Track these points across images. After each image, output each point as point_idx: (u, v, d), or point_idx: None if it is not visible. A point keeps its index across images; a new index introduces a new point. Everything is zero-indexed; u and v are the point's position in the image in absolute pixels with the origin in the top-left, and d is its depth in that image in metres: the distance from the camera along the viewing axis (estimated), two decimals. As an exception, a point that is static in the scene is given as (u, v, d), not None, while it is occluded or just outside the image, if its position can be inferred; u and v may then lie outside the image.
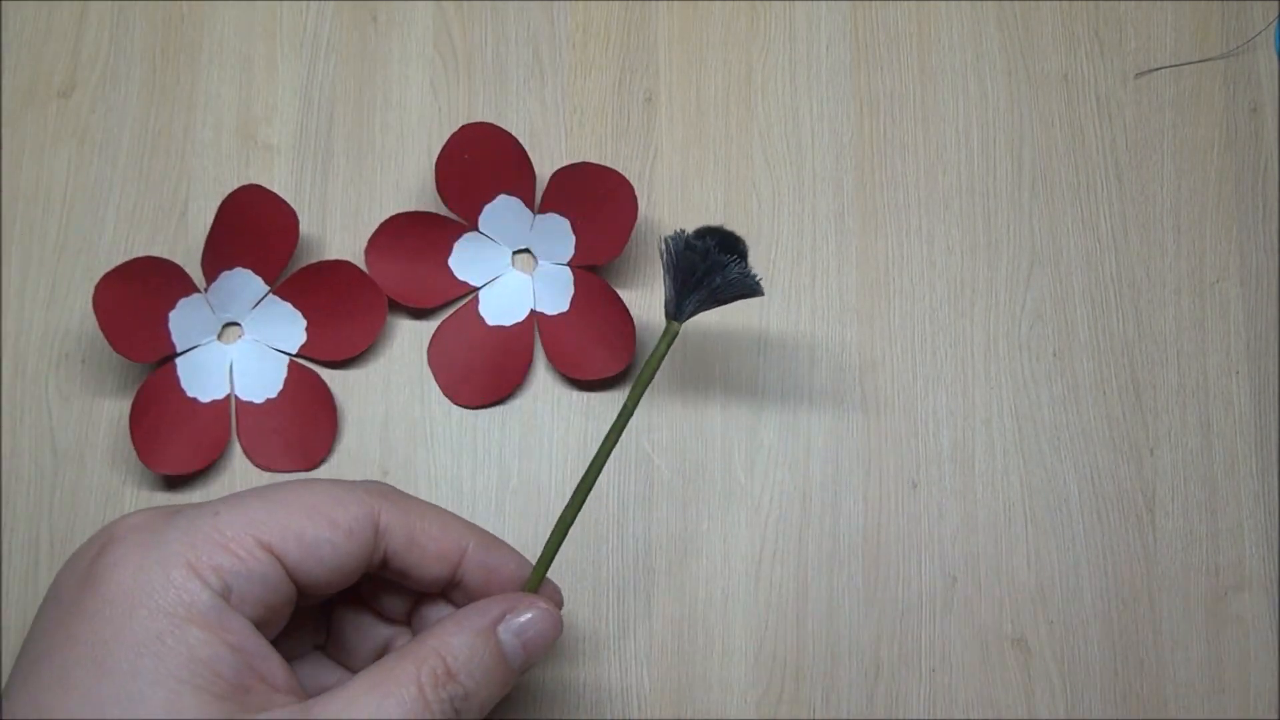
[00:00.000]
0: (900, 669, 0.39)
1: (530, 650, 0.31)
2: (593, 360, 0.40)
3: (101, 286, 0.37)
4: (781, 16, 0.43)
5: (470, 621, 0.30)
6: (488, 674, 0.30)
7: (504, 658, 0.30)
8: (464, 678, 0.29)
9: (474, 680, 0.29)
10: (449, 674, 0.29)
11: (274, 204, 0.39)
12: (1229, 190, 0.43)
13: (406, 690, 0.28)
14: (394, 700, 0.28)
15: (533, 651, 0.31)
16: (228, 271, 0.39)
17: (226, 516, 0.29)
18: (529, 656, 0.31)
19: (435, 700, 0.29)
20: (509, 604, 0.31)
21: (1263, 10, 0.44)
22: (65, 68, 0.42)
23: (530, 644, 0.31)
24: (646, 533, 0.40)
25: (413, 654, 0.29)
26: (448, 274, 0.41)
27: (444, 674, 0.29)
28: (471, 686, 0.29)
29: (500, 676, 0.30)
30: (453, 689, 0.29)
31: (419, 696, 0.28)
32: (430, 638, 0.30)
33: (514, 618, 0.31)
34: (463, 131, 0.40)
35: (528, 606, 0.31)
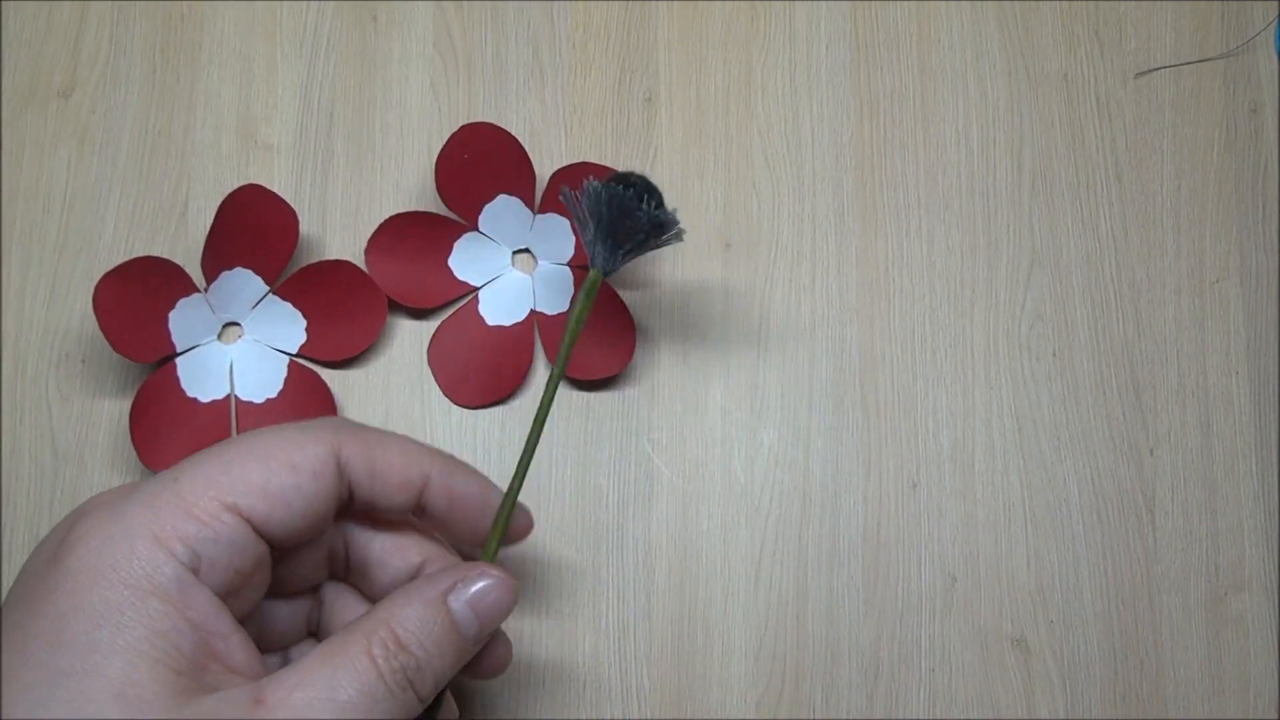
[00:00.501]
0: (900, 669, 0.39)
1: (484, 619, 0.30)
2: (593, 360, 0.40)
3: (101, 286, 0.37)
4: (781, 16, 0.43)
5: (421, 592, 0.30)
6: (439, 644, 0.29)
7: (455, 627, 0.30)
8: (415, 648, 0.29)
9: (425, 651, 0.29)
10: (400, 645, 0.28)
11: (274, 204, 0.39)
12: (1229, 190, 0.43)
13: (358, 663, 0.28)
14: (345, 673, 0.27)
15: (486, 620, 0.30)
16: (228, 271, 0.39)
17: (187, 482, 0.28)
18: (483, 625, 0.30)
19: (388, 672, 0.28)
20: (460, 574, 0.30)
21: (1263, 10, 0.44)
22: (65, 68, 0.42)
23: (483, 613, 0.30)
24: (646, 533, 0.40)
25: (363, 627, 0.29)
26: (447, 274, 0.41)
27: (395, 645, 0.28)
28: (423, 657, 0.29)
29: (453, 646, 0.30)
30: (404, 660, 0.28)
31: (371, 668, 0.28)
32: (381, 609, 0.29)
33: (465, 587, 0.30)
34: (463, 131, 0.40)
35: (479, 575, 0.30)
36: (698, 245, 0.42)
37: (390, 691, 0.28)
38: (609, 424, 0.41)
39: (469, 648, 0.30)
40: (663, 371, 0.41)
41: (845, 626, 0.39)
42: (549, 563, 0.40)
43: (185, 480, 0.28)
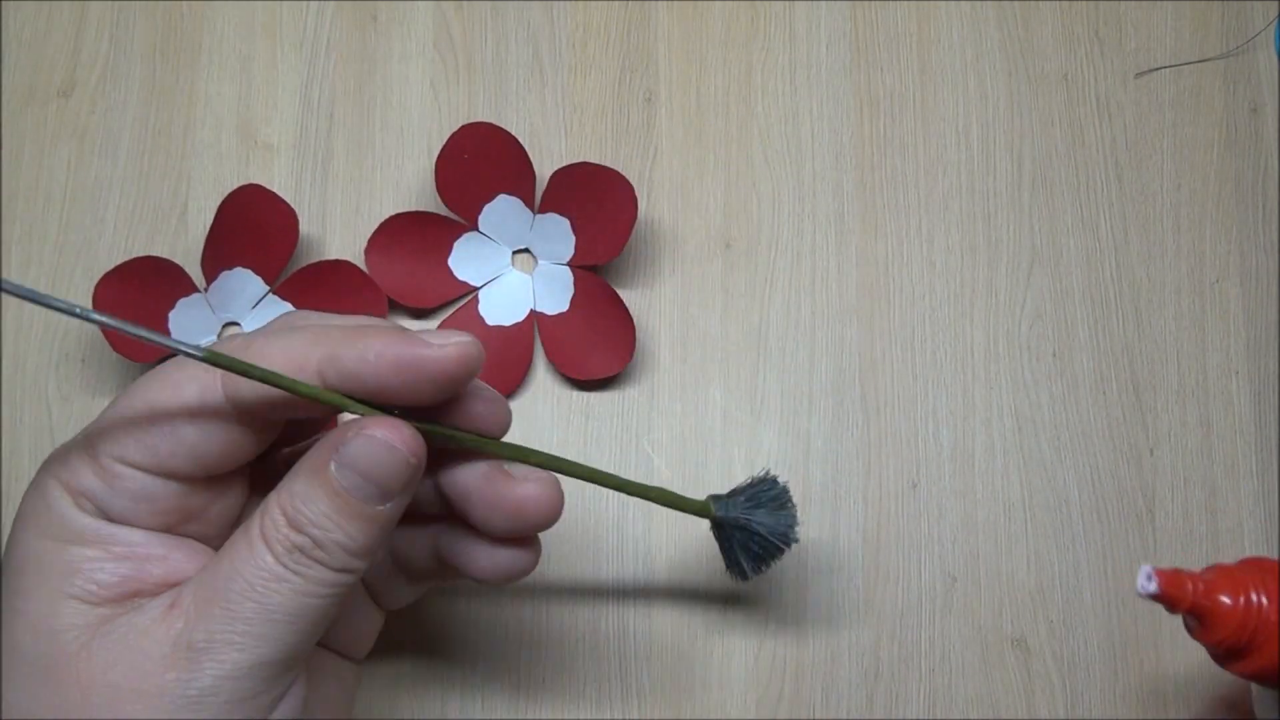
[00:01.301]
0: (900, 669, 0.39)
1: (378, 479, 0.27)
2: (593, 360, 0.40)
3: (101, 286, 0.37)
4: (781, 16, 0.43)
5: (308, 462, 0.27)
6: (331, 517, 0.27)
7: (345, 494, 0.27)
8: (307, 527, 0.27)
9: (318, 527, 0.27)
10: (290, 524, 0.27)
11: (274, 204, 0.39)
12: (1229, 190, 0.43)
13: (254, 548, 0.27)
14: (243, 563, 0.27)
15: (381, 480, 0.27)
16: (227, 271, 0.39)
17: (92, 439, 0.28)
18: (380, 485, 0.27)
19: (283, 553, 0.27)
20: (340, 438, 0.27)
21: (1263, 10, 0.44)
22: (65, 68, 0.42)
23: (372, 473, 0.27)
24: (646, 533, 0.40)
25: (259, 511, 0.27)
26: (447, 274, 0.41)
27: (286, 525, 0.27)
28: (318, 534, 0.27)
29: (350, 513, 0.27)
30: (297, 539, 0.27)
31: (265, 552, 0.27)
32: (275, 490, 0.28)
33: (343, 450, 0.27)
34: (463, 131, 0.40)
35: (354, 434, 0.27)
36: (698, 245, 0.42)
37: (292, 570, 0.27)
38: (609, 424, 0.41)
39: (375, 511, 0.27)
40: (663, 371, 0.41)
41: (845, 626, 0.39)
42: (548, 563, 0.40)
43: (91, 437, 0.28)
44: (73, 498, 0.27)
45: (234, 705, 0.27)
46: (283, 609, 0.27)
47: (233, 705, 0.27)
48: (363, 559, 0.28)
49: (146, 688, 0.26)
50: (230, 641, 0.26)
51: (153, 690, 0.26)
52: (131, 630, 0.27)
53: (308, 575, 0.27)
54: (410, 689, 0.39)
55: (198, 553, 0.29)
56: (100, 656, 0.26)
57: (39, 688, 0.27)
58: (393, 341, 0.27)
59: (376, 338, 0.27)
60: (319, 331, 0.28)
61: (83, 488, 0.27)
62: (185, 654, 0.26)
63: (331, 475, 0.27)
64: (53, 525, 0.27)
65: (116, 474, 0.27)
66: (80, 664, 0.26)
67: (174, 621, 0.27)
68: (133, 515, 0.28)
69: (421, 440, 0.28)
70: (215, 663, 0.26)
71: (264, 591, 0.27)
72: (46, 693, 0.27)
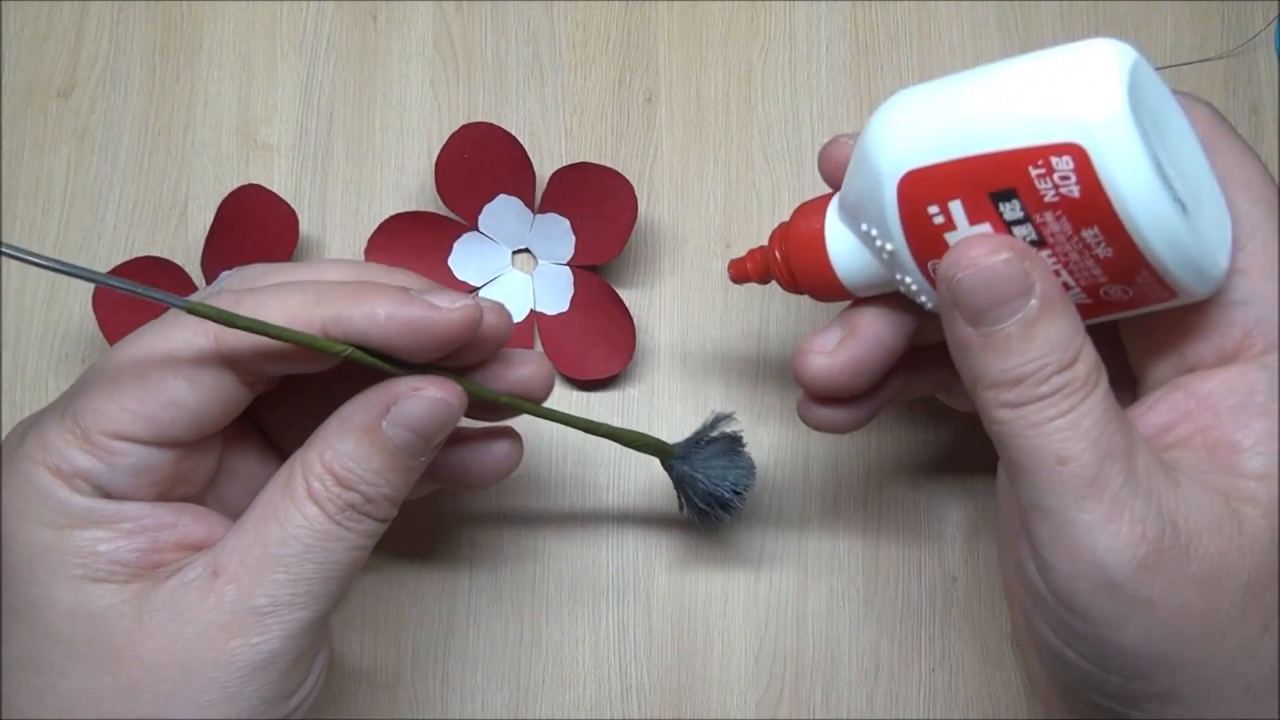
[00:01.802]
0: (900, 669, 0.39)
1: (427, 434, 0.29)
2: (592, 360, 0.40)
3: (100, 288, 0.37)
4: (781, 16, 0.43)
5: (355, 420, 0.28)
6: (382, 474, 0.28)
7: (396, 452, 0.28)
8: (359, 485, 0.28)
9: (369, 485, 0.28)
10: (341, 484, 0.28)
11: (274, 204, 0.39)
12: (1229, 190, 0.43)
13: (305, 511, 0.27)
14: (294, 527, 0.27)
15: (430, 434, 0.29)
16: (226, 272, 0.39)
17: (76, 417, 0.27)
18: (428, 440, 0.29)
19: (336, 512, 0.28)
20: (391, 395, 0.28)
21: (1263, 10, 0.44)
22: (65, 68, 0.42)
23: (424, 429, 0.28)
24: (646, 532, 0.40)
25: (302, 468, 0.28)
26: (447, 274, 0.41)
27: (336, 485, 0.28)
28: (369, 491, 0.28)
29: (401, 468, 0.29)
30: (349, 497, 0.28)
31: (319, 514, 0.28)
32: (318, 442, 0.28)
33: (398, 410, 0.28)
34: (463, 131, 0.40)
35: (410, 394, 0.28)
36: (698, 244, 0.42)
37: (345, 527, 0.28)
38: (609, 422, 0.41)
39: (419, 464, 0.29)
40: (663, 371, 0.41)
41: (845, 627, 0.39)
42: (549, 563, 0.40)
43: (76, 412, 0.27)
44: (64, 480, 0.27)
45: (297, 661, 0.28)
46: (340, 565, 0.28)
47: (296, 661, 0.28)
48: (399, 505, 0.29)
49: (213, 657, 0.27)
50: (294, 603, 0.27)
51: (222, 659, 0.27)
52: (180, 603, 0.27)
53: (360, 530, 0.28)
54: (411, 689, 0.39)
55: (200, 515, 0.29)
56: (157, 634, 0.27)
57: (99, 673, 0.27)
58: (401, 303, 0.28)
59: (383, 298, 0.28)
60: (322, 289, 0.28)
61: (77, 469, 0.27)
62: (250, 619, 0.27)
63: (385, 435, 0.28)
64: (49, 512, 0.27)
65: (114, 450, 0.27)
66: (138, 643, 0.27)
67: (224, 589, 0.27)
68: (131, 489, 0.28)
69: (465, 392, 0.29)
70: (282, 624, 0.27)
71: (321, 550, 0.28)
72: (108, 677, 0.27)
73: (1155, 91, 0.27)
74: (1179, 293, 0.26)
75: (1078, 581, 0.26)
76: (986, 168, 0.26)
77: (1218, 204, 0.28)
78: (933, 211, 0.27)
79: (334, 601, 0.28)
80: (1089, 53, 0.26)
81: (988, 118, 0.26)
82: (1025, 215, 0.26)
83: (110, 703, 0.26)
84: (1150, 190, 0.25)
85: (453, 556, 0.40)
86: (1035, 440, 0.26)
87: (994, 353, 0.26)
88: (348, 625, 0.39)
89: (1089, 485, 0.25)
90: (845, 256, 0.31)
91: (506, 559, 0.40)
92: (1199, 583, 0.25)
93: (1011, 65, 0.27)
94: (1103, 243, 0.26)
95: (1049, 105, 0.25)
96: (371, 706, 0.39)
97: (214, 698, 0.27)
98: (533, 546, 0.40)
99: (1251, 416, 0.27)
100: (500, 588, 0.39)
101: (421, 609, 0.39)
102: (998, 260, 0.26)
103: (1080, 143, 0.25)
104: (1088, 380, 0.26)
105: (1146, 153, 0.25)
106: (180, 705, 0.27)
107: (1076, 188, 0.25)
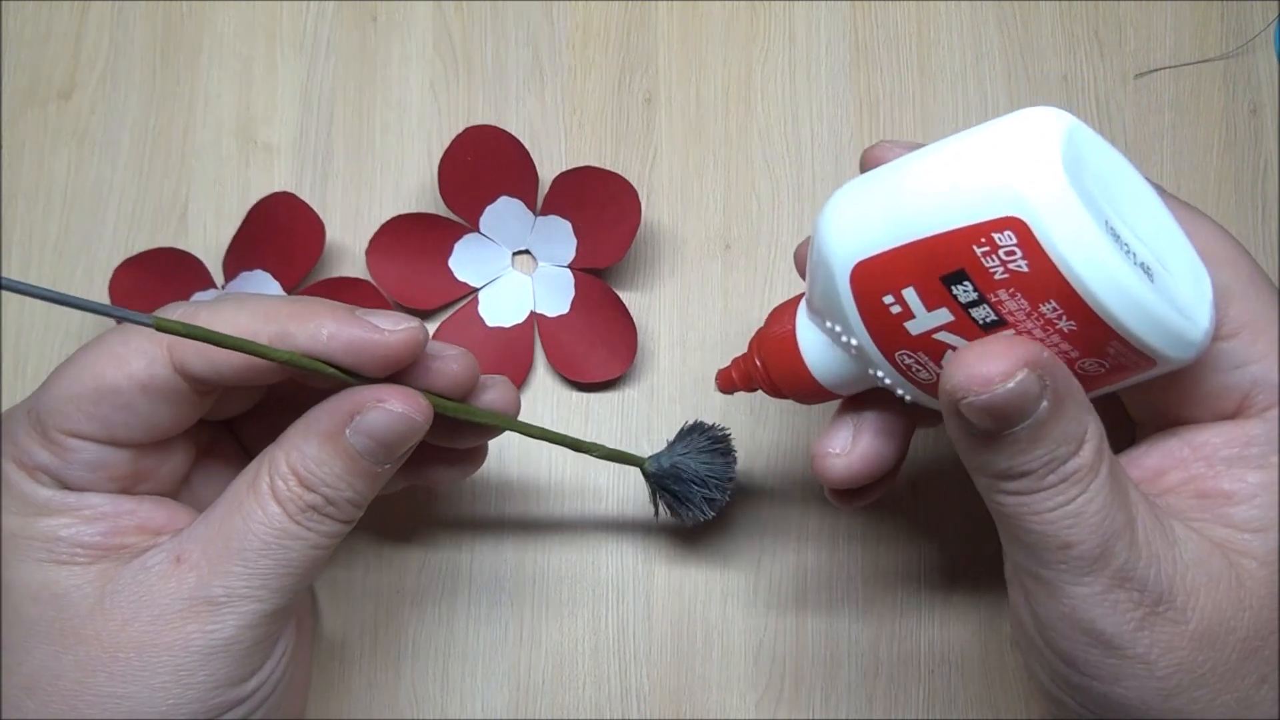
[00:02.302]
0: (900, 669, 0.39)
1: (390, 444, 0.29)
2: (593, 363, 0.40)
3: (121, 270, 0.38)
4: (781, 16, 0.43)
5: (319, 424, 0.29)
6: (344, 479, 0.29)
7: (358, 457, 0.29)
8: (320, 488, 0.29)
9: (331, 488, 0.29)
10: (304, 485, 0.29)
11: (304, 214, 0.39)
12: (1229, 190, 0.43)
13: (267, 508, 0.28)
14: (255, 523, 0.28)
15: (394, 444, 0.29)
16: (247, 273, 0.40)
17: (39, 415, 0.28)
18: (391, 449, 0.29)
19: (296, 512, 0.28)
20: (355, 404, 0.29)
21: (1263, 10, 0.44)
22: (65, 68, 0.42)
23: (386, 439, 0.29)
24: (646, 533, 0.40)
25: (267, 466, 0.29)
26: (448, 275, 0.41)
27: (299, 486, 0.28)
28: (331, 494, 0.29)
29: (363, 474, 0.29)
30: (310, 499, 0.29)
31: (279, 512, 0.28)
32: (284, 443, 0.29)
33: (361, 418, 0.29)
34: (467, 133, 0.40)
35: (374, 405, 0.29)
36: (698, 245, 0.42)
37: (306, 527, 0.29)
38: (609, 424, 0.41)
39: (383, 470, 0.30)
40: (663, 372, 0.41)
41: (845, 627, 0.39)
42: (549, 563, 0.40)
43: (38, 410, 0.29)
44: (27, 473, 0.28)
45: (251, 649, 0.29)
46: (297, 562, 0.29)
47: (250, 649, 0.29)
48: (364, 508, 0.30)
49: (169, 640, 0.28)
50: (249, 595, 0.28)
51: (177, 642, 0.28)
52: (141, 586, 0.28)
53: (320, 530, 0.29)
54: (410, 689, 0.39)
55: (162, 503, 0.30)
56: (115, 614, 0.28)
57: (60, 651, 0.28)
58: (344, 323, 0.29)
59: (327, 317, 0.29)
60: (268, 306, 0.29)
61: (36, 463, 0.28)
62: (205, 607, 0.28)
63: (347, 441, 0.29)
64: (14, 501, 0.28)
65: (69, 447, 0.28)
66: (97, 622, 0.28)
67: (184, 576, 0.28)
68: (90, 483, 0.29)
69: (431, 407, 0.30)
70: (236, 614, 0.28)
71: (279, 548, 0.28)
72: (68, 655, 0.28)
73: (1102, 156, 0.26)
74: (1158, 361, 0.25)
75: (1075, 640, 0.26)
76: (933, 251, 0.25)
77: (1191, 263, 0.27)
78: (888, 301, 0.26)
79: (292, 595, 0.29)
80: (1021, 122, 0.25)
81: (928, 200, 0.25)
82: (980, 296, 0.25)
83: (69, 680, 0.27)
84: (1100, 256, 0.24)
85: (453, 557, 0.40)
86: (1039, 526, 0.25)
87: (1000, 452, 0.25)
88: (348, 625, 0.39)
89: (1092, 564, 0.25)
90: (820, 358, 0.30)
91: (506, 559, 0.40)
92: (1197, 640, 0.25)
93: (949, 144, 0.26)
94: (1064, 316, 0.24)
95: (984, 180, 0.24)
96: (371, 706, 0.39)
97: (168, 679, 0.28)
98: (533, 547, 0.40)
99: (1246, 469, 0.27)
100: (500, 588, 0.39)
101: (421, 609, 0.39)
102: (1013, 385, 0.24)
103: (1018, 215, 0.24)
104: (1094, 465, 0.25)
105: (1091, 217, 0.24)
106: (135, 685, 0.28)
107: (1024, 262, 0.24)
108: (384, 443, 0.29)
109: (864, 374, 0.30)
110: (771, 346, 0.31)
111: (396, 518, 0.40)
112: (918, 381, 0.28)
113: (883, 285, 0.26)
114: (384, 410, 0.29)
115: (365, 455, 0.29)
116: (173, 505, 0.30)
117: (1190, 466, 0.27)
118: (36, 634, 0.28)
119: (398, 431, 0.29)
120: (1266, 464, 0.26)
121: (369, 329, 0.29)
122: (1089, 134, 0.26)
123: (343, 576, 0.39)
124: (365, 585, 0.39)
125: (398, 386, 0.29)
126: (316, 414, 0.29)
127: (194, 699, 0.28)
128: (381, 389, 0.29)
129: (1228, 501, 0.26)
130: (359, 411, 0.29)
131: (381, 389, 0.29)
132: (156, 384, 0.29)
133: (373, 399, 0.29)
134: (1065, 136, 0.25)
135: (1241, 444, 0.27)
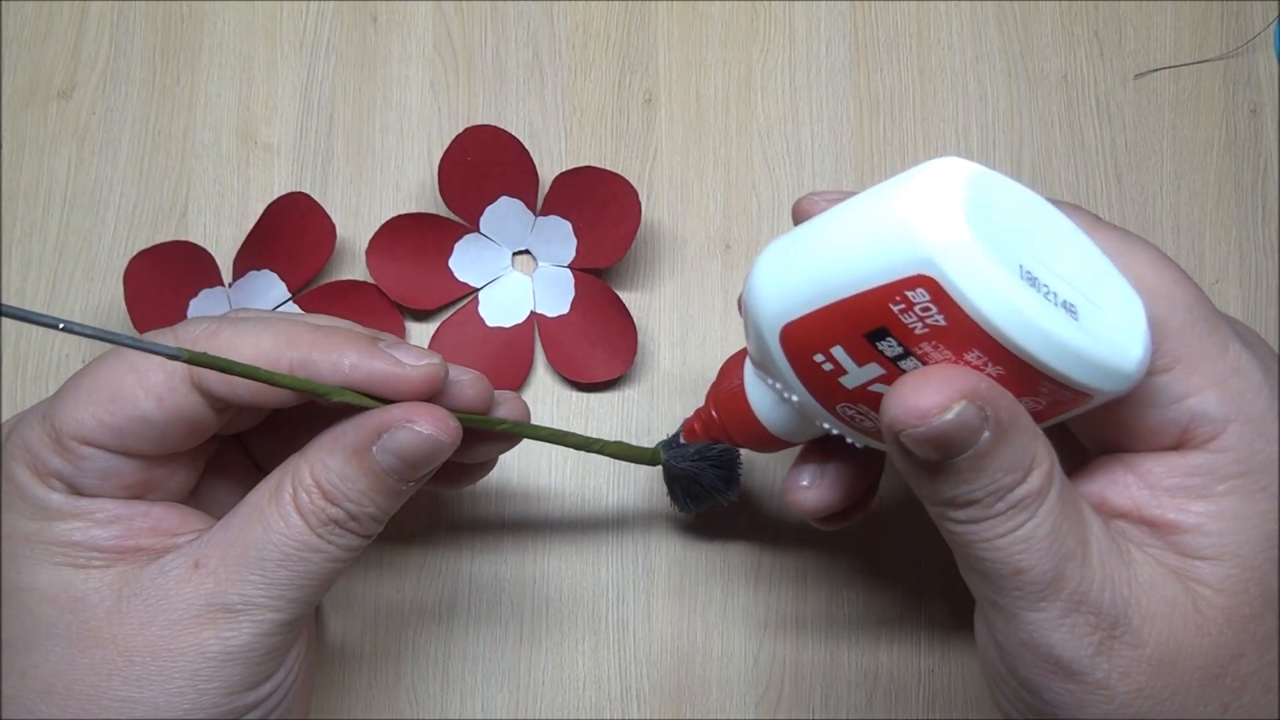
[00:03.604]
0: (900, 669, 0.39)
1: (416, 463, 0.29)
2: (593, 363, 0.40)
3: (135, 262, 0.38)
4: (781, 17, 0.43)
5: (346, 439, 0.29)
6: (368, 495, 0.29)
7: (384, 474, 0.29)
8: (343, 502, 0.29)
9: (353, 503, 0.29)
10: (327, 499, 0.29)
11: (316, 216, 0.39)
12: (1229, 191, 0.43)
13: (289, 519, 0.28)
14: (276, 534, 0.28)
15: (419, 463, 0.29)
16: (255, 272, 0.40)
17: (53, 422, 0.28)
18: (416, 468, 0.29)
19: (318, 525, 0.29)
20: (384, 422, 0.29)
21: (1263, 10, 0.44)
22: (65, 68, 0.42)
23: (412, 458, 0.29)
24: (646, 533, 0.40)
25: (291, 478, 0.29)
26: (448, 275, 0.41)
27: (322, 499, 0.29)
28: (353, 509, 0.29)
29: (386, 491, 0.29)
30: (333, 512, 0.29)
31: (301, 524, 0.28)
32: (309, 455, 0.29)
33: (389, 437, 0.29)
34: (467, 134, 0.40)
35: (401, 425, 0.29)
36: (698, 245, 0.42)
37: (326, 540, 0.29)
38: (609, 424, 0.41)
39: (407, 488, 0.30)
40: (663, 372, 0.41)
41: (845, 626, 0.39)
42: (549, 564, 0.40)
43: (53, 416, 0.29)
44: (40, 478, 0.28)
45: (266, 656, 0.29)
46: (316, 574, 0.29)
47: (265, 657, 0.29)
48: (384, 524, 0.30)
49: (185, 645, 0.28)
50: (266, 604, 0.28)
51: (193, 647, 0.28)
52: (158, 590, 0.28)
53: (340, 544, 0.29)
54: (410, 689, 0.39)
55: (173, 508, 0.30)
56: (132, 617, 0.28)
57: (76, 654, 0.28)
58: (366, 355, 0.29)
59: (349, 348, 0.29)
60: (291, 331, 0.29)
61: (50, 469, 0.28)
62: (222, 614, 0.28)
63: (374, 458, 0.29)
64: (28, 506, 0.28)
65: (82, 455, 0.28)
66: (114, 625, 0.28)
67: (202, 582, 0.28)
68: (101, 489, 0.29)
69: (460, 427, 0.30)
70: (252, 622, 0.28)
71: (299, 559, 0.28)
72: (84, 658, 0.28)
73: (1014, 198, 0.26)
74: (1093, 394, 0.25)
75: (1037, 668, 0.26)
76: (853, 311, 0.25)
77: (1122, 293, 0.26)
78: (819, 360, 0.26)
79: (308, 605, 0.29)
80: (922, 178, 0.25)
81: (842, 261, 0.25)
82: (905, 350, 0.25)
83: (84, 683, 0.28)
84: (1014, 302, 0.23)
85: (453, 558, 0.40)
86: (989, 553, 0.25)
87: (945, 481, 0.25)
88: (348, 625, 0.39)
89: (1045, 589, 0.25)
90: (770, 411, 0.31)
91: (506, 560, 0.40)
92: (1155, 665, 0.25)
93: (861, 201, 0.26)
94: (989, 363, 0.24)
95: (891, 239, 0.24)
96: (371, 706, 0.39)
97: (184, 684, 0.28)
98: (533, 548, 0.40)
99: (1189, 499, 0.26)
100: (500, 588, 0.39)
101: (421, 609, 0.39)
102: (951, 416, 0.24)
103: (927, 273, 0.24)
104: (1042, 491, 0.25)
105: (1001, 265, 0.23)
106: (150, 689, 0.28)
107: (940, 317, 0.24)
108: (410, 462, 0.29)
109: (814, 424, 0.30)
110: (724, 401, 0.32)
111: (397, 518, 0.40)
112: (863, 430, 0.28)
113: (812, 345, 0.26)
114: (412, 430, 0.29)
115: (391, 473, 0.29)
116: (184, 510, 0.30)
117: (1135, 494, 0.27)
118: (53, 637, 0.28)
119: (425, 452, 0.29)
120: (1210, 494, 0.26)
121: (391, 363, 0.29)
122: (996, 179, 0.26)
123: (343, 576, 0.39)
124: (366, 586, 0.39)
125: (426, 405, 0.29)
126: (344, 428, 0.29)
127: (209, 705, 0.28)
128: (411, 408, 0.29)
129: (1175, 531, 0.26)
130: (387, 429, 0.29)
131: (411, 408, 0.29)
132: (174, 399, 0.29)
133: (402, 418, 0.29)
134: (968, 187, 0.24)
135: (1184, 474, 0.27)
